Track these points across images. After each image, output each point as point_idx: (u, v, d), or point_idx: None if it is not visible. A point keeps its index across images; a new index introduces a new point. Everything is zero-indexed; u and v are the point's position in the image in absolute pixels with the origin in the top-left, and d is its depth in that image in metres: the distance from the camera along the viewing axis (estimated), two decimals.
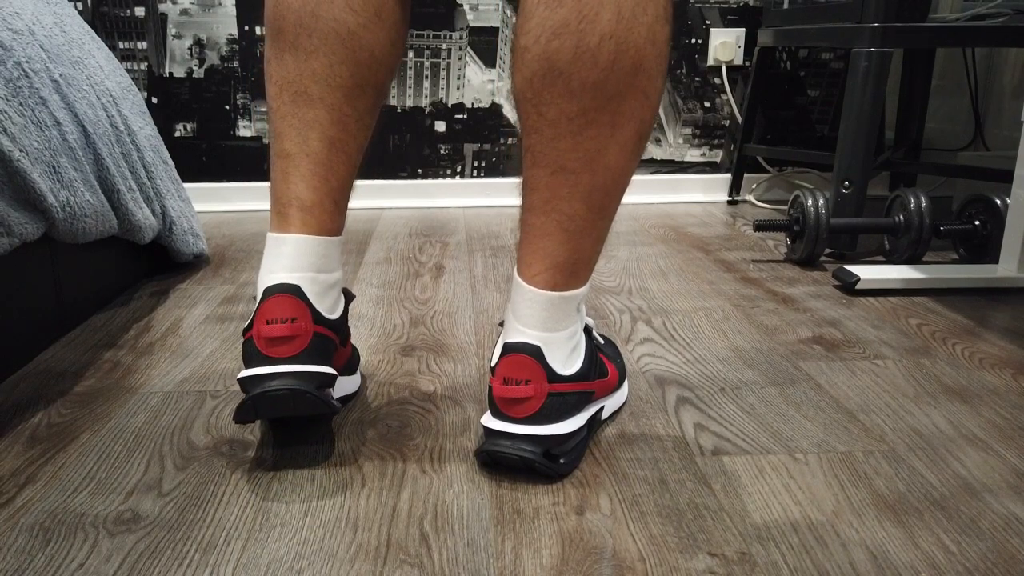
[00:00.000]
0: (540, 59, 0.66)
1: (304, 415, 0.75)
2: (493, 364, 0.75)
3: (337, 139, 0.78)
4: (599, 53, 0.65)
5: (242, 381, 0.73)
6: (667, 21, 0.68)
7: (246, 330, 0.75)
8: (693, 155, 2.10)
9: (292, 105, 0.78)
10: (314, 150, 0.78)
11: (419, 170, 2.05)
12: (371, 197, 2.03)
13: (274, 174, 0.81)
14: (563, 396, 0.73)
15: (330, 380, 0.75)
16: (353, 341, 1.07)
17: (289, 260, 0.76)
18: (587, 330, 0.80)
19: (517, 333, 0.73)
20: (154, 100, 1.96)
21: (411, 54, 1.97)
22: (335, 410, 0.74)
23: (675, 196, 2.10)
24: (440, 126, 2.02)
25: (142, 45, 1.92)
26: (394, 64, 0.80)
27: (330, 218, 0.79)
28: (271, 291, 0.74)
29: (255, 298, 0.76)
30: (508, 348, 0.73)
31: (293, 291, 0.74)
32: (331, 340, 0.77)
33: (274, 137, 0.81)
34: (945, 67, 2.03)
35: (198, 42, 1.93)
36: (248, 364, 0.74)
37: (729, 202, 2.07)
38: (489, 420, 0.75)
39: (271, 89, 0.79)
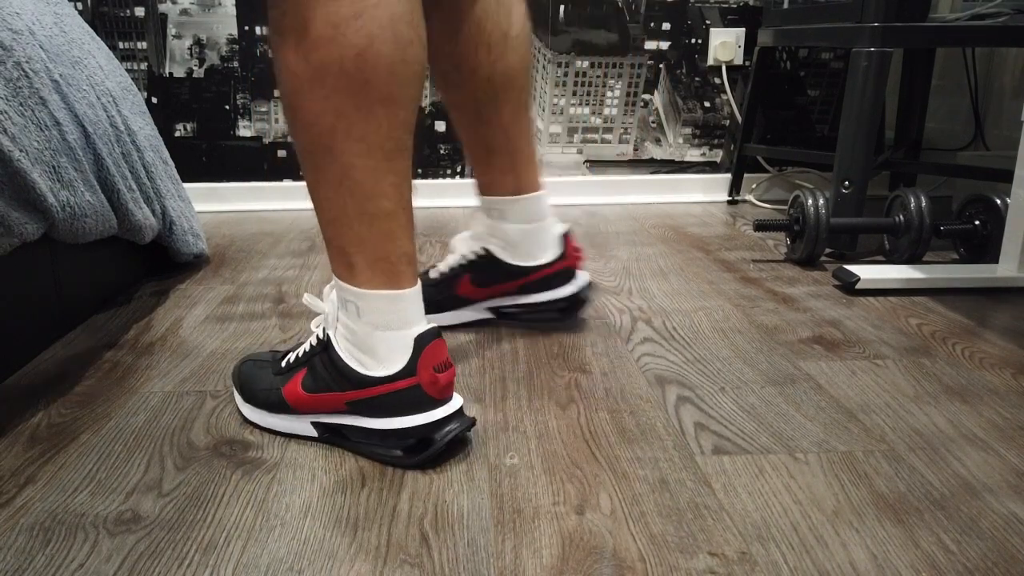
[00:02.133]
0: (528, 41, 0.81)
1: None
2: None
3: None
4: None
5: (434, 425, 0.76)
6: None
7: (399, 377, 0.75)
8: (693, 155, 2.10)
9: (388, 161, 0.73)
10: (407, 200, 0.77)
11: (419, 170, 2.05)
12: None
13: (370, 232, 0.75)
14: None
15: None
16: None
17: (418, 312, 0.78)
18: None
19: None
20: (154, 100, 1.96)
21: None
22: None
23: (675, 196, 2.10)
24: (440, 126, 2.03)
25: (142, 45, 1.92)
26: None
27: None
28: (431, 336, 0.77)
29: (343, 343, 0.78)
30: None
31: (440, 334, 0.78)
32: None
33: (364, 197, 0.74)
34: (945, 67, 2.03)
35: (198, 42, 1.93)
36: (426, 409, 0.76)
37: (729, 202, 2.07)
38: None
39: (355, 147, 0.72)
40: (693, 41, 2.01)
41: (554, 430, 0.83)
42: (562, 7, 1.96)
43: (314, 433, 0.81)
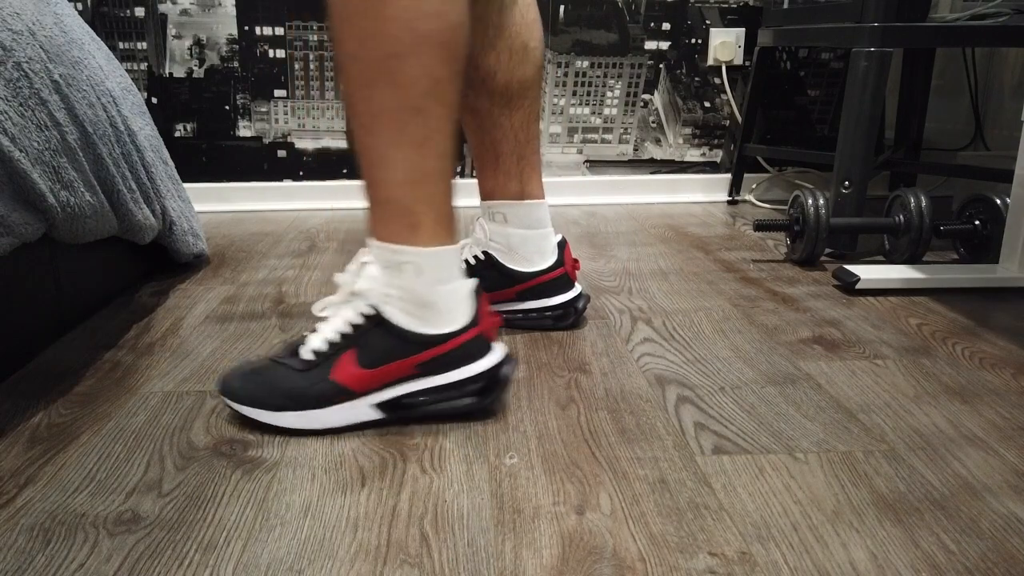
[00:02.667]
0: (543, 56, 0.87)
1: None
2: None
3: None
4: None
5: (497, 366, 0.84)
6: None
7: (467, 328, 0.82)
8: (693, 155, 2.10)
9: (454, 127, 0.79)
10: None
11: None
12: None
13: (440, 190, 0.80)
14: None
15: None
16: None
17: (462, 266, 0.85)
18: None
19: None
20: (154, 100, 1.96)
21: None
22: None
23: (675, 196, 2.10)
24: None
25: (142, 45, 1.92)
26: None
27: None
28: (480, 287, 0.86)
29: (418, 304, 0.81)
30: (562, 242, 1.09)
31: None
32: None
33: (441, 157, 0.79)
34: (945, 67, 2.03)
35: (198, 42, 1.93)
36: (487, 354, 0.84)
37: (729, 202, 2.07)
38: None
39: (440, 110, 0.77)
40: (693, 41, 2.01)
41: (554, 430, 0.83)
42: (562, 7, 1.96)
43: (377, 415, 0.82)
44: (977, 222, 1.40)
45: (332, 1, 0.74)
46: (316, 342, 0.83)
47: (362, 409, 0.82)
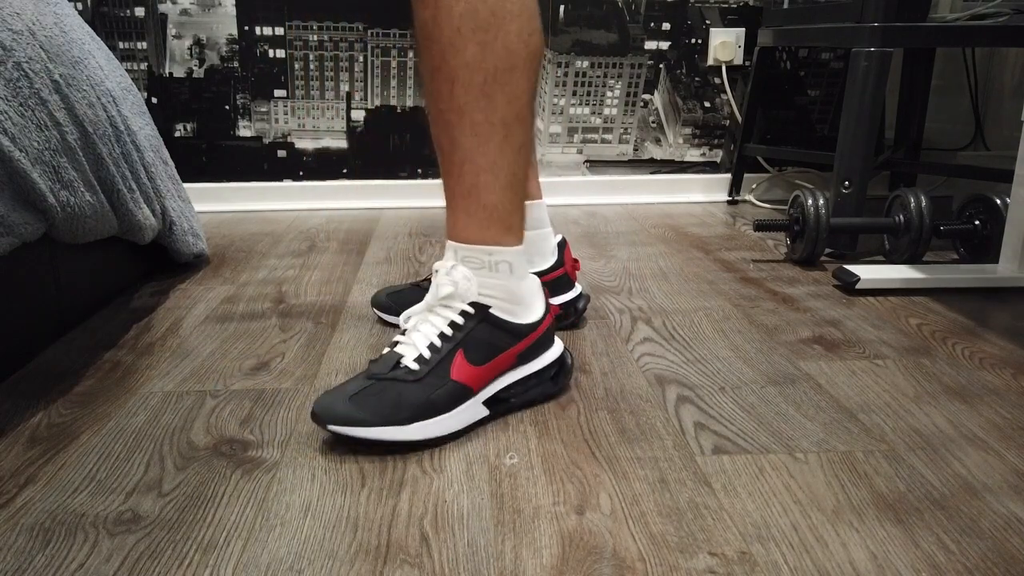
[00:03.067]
0: (541, 56, 0.83)
1: None
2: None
3: None
4: None
5: (564, 351, 0.91)
6: None
7: (544, 317, 0.88)
8: (693, 155, 2.10)
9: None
10: None
11: (419, 170, 2.05)
12: (371, 197, 2.03)
13: (522, 192, 0.86)
14: None
15: None
16: (353, 341, 1.09)
17: None
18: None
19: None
20: (154, 100, 1.96)
21: (411, 54, 1.97)
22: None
23: (675, 196, 2.10)
24: None
25: (142, 45, 1.92)
26: None
27: None
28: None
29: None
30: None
31: None
32: None
33: (528, 162, 0.85)
34: (945, 67, 2.03)
35: (198, 42, 1.93)
36: (555, 341, 0.90)
37: (729, 202, 2.07)
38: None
39: (532, 118, 0.84)
40: (693, 41, 2.01)
41: (554, 430, 0.83)
42: (562, 7, 1.96)
43: (486, 413, 0.84)
44: (977, 222, 1.40)
45: (451, 13, 0.76)
46: (419, 350, 0.81)
47: (478, 407, 0.84)
